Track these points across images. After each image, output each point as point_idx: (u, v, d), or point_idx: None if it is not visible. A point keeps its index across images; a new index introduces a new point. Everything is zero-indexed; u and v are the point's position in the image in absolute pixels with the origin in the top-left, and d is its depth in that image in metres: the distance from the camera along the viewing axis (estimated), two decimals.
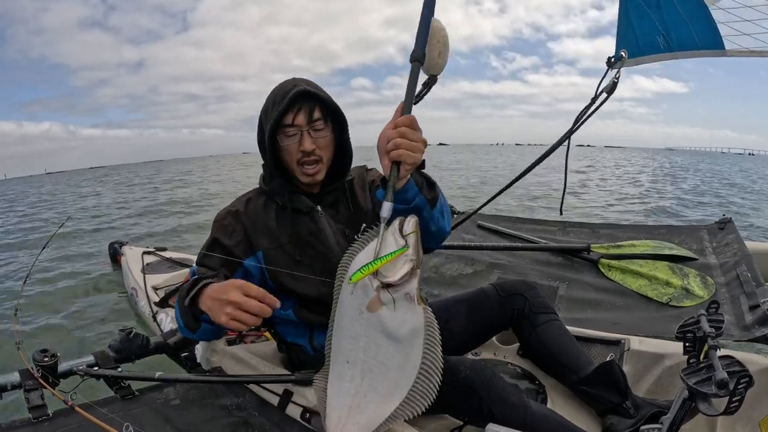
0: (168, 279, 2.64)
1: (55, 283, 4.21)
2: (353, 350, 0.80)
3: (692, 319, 0.87)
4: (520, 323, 1.24)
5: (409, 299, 0.75)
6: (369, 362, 0.79)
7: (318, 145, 1.05)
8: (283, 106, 1.01)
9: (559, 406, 1.17)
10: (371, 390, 0.79)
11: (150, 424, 1.06)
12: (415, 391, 0.77)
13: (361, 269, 0.74)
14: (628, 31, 1.73)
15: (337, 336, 0.83)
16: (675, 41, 1.72)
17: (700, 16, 1.64)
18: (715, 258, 2.00)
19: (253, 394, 1.21)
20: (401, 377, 0.78)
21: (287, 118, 1.02)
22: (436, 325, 0.77)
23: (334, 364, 0.84)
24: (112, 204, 11.75)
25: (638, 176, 15.16)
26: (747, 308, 1.51)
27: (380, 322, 0.76)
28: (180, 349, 1.47)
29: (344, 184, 1.16)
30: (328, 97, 1.06)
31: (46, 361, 1.18)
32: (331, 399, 0.83)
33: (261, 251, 1.09)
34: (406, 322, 0.76)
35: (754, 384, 0.65)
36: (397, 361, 0.77)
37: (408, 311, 0.76)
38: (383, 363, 0.78)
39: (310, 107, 1.03)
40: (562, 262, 2.19)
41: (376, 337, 0.78)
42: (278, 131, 1.04)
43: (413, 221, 0.77)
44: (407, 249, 0.74)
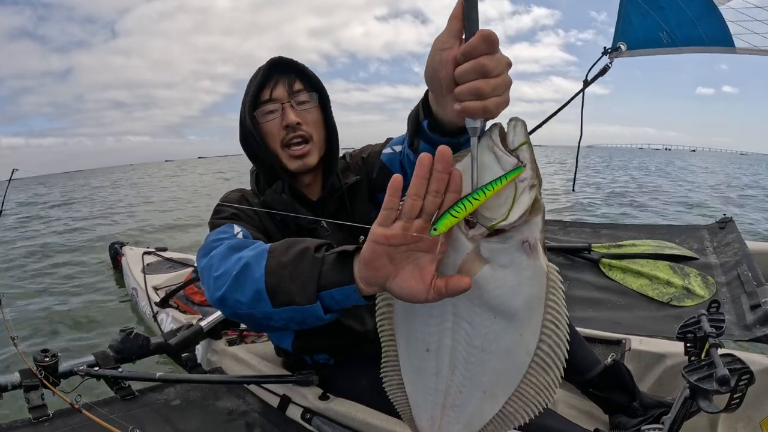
0: (168, 279, 2.65)
1: (55, 283, 4.22)
2: (434, 334, 0.56)
3: (693, 319, 0.86)
4: None
5: (528, 250, 0.49)
6: (460, 350, 0.56)
7: (304, 119, 0.91)
8: (258, 80, 0.89)
9: (561, 404, 1.17)
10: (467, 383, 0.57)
11: (150, 424, 1.06)
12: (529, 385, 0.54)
13: (453, 210, 0.45)
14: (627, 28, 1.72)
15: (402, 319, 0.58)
16: (679, 37, 1.70)
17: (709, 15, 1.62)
18: (715, 257, 2.00)
19: (254, 395, 1.21)
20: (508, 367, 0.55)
21: (264, 93, 0.90)
22: (563, 291, 0.52)
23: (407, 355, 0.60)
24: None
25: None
26: (748, 308, 1.51)
27: (480, 290, 0.51)
28: (180, 350, 1.47)
29: (343, 190, 0.99)
30: (308, 68, 0.93)
31: (46, 361, 1.18)
32: (414, 397, 0.62)
33: None
34: (521, 287, 0.50)
35: (755, 381, 0.65)
36: (503, 345, 0.53)
37: (525, 269, 0.49)
38: (483, 349, 0.54)
39: (290, 78, 0.91)
40: (562, 262, 2.19)
41: (472, 313, 0.53)
42: (256, 109, 0.91)
43: (521, 126, 0.48)
44: (524, 168, 0.46)
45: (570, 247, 2.22)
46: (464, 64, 0.48)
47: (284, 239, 0.68)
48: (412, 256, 0.50)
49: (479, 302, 0.52)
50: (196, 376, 1.33)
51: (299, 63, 0.93)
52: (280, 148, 0.92)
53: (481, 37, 0.46)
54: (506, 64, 0.48)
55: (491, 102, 0.48)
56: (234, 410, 1.15)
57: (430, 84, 0.57)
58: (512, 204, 0.47)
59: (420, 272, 0.50)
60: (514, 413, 0.56)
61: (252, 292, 0.64)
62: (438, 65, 0.53)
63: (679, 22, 1.67)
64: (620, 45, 1.70)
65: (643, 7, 1.69)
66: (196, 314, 2.02)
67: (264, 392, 1.19)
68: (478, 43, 0.47)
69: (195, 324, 1.51)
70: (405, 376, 0.61)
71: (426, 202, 0.47)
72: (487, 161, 0.48)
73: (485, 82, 0.47)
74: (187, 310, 2.13)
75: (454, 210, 0.45)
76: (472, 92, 0.48)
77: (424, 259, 0.50)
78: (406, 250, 0.50)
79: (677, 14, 1.66)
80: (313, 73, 0.94)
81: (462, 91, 0.48)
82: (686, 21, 1.66)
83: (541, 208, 0.48)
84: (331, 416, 1.04)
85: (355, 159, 1.05)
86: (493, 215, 0.47)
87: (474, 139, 0.49)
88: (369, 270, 0.52)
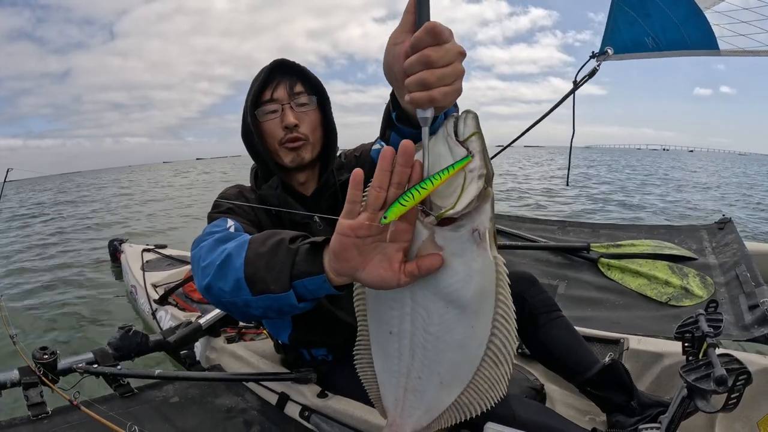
0: (167, 276, 2.64)
1: (54, 281, 4.21)
2: (396, 318, 0.58)
3: (691, 319, 0.87)
4: (521, 325, 1.20)
5: (478, 239, 0.50)
6: (418, 335, 0.58)
7: (302, 121, 0.94)
8: (260, 80, 0.92)
9: (559, 403, 1.18)
10: (426, 370, 0.59)
11: (149, 422, 1.06)
12: (482, 378, 0.56)
13: (401, 199, 0.47)
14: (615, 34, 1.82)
15: (371, 300, 0.61)
16: (664, 42, 1.78)
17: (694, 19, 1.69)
18: (714, 258, 2.00)
19: (252, 393, 1.21)
20: (463, 359, 0.57)
21: (266, 93, 0.93)
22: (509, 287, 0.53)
23: (375, 336, 0.63)
24: None
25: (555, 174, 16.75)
26: (746, 308, 1.51)
27: (434, 278, 0.53)
28: (179, 347, 1.47)
29: (337, 186, 1.03)
30: (309, 71, 0.97)
31: (45, 358, 1.18)
32: (380, 377, 0.65)
33: None
34: (472, 278, 0.52)
35: (752, 381, 0.65)
36: (457, 337, 0.55)
37: (476, 259, 0.51)
38: (438, 337, 0.56)
39: (291, 80, 0.94)
40: (561, 261, 2.19)
41: (427, 299, 0.55)
42: (257, 108, 0.94)
43: (472, 117, 0.50)
44: (472, 158, 0.48)
45: (569, 247, 2.23)
46: (410, 57, 0.49)
47: (264, 231, 0.70)
48: (379, 247, 0.52)
49: (434, 290, 0.54)
50: (195, 373, 1.33)
51: (301, 66, 0.96)
52: (278, 146, 0.95)
53: (425, 30, 0.47)
54: (457, 53, 0.48)
55: (437, 92, 0.48)
56: (233, 408, 1.15)
57: (388, 78, 0.59)
58: (461, 193, 0.48)
59: (388, 261, 0.52)
60: (468, 404, 0.59)
61: (233, 281, 0.66)
62: (392, 59, 0.54)
63: (665, 27, 1.75)
64: (607, 49, 1.79)
65: (631, 16, 1.77)
66: (195, 312, 2.02)
67: (262, 390, 1.19)
68: (423, 36, 0.47)
69: (194, 321, 1.51)
70: (374, 356, 0.64)
71: (389, 194, 0.49)
72: (441, 151, 0.50)
73: (430, 72, 0.47)
74: (186, 307, 2.13)
75: (403, 198, 0.47)
76: (417, 83, 0.48)
77: (391, 248, 0.52)
78: (372, 241, 0.52)
79: (663, 20, 1.73)
80: (314, 75, 0.97)
81: (409, 83, 0.49)
82: (671, 26, 1.74)
83: (489, 197, 0.49)
84: (329, 414, 1.05)
85: (349, 157, 1.09)
86: (443, 204, 0.49)
87: (425, 129, 0.50)
88: (338, 261, 0.54)
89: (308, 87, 0.96)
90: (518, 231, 2.54)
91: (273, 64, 0.94)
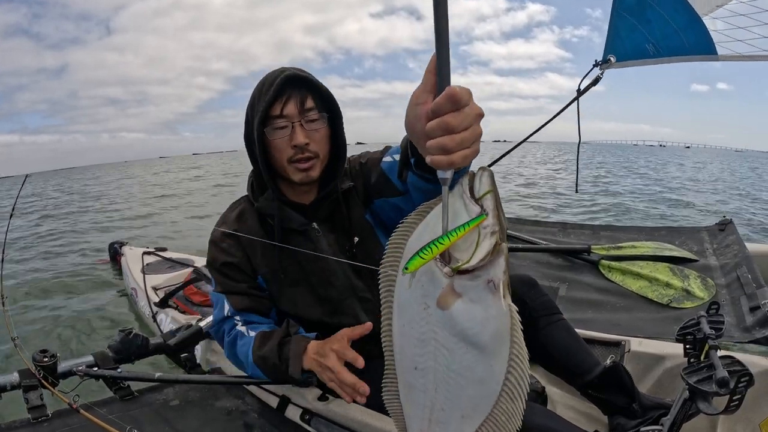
0: (168, 279, 2.64)
1: (54, 282, 4.21)
2: (421, 355, 0.64)
3: (692, 321, 0.86)
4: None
5: (493, 289, 0.55)
6: (441, 371, 0.63)
7: (312, 138, 0.93)
8: (270, 95, 0.89)
9: (560, 406, 1.17)
10: (448, 403, 0.64)
11: (149, 425, 1.06)
12: (500, 411, 0.61)
13: (421, 252, 0.51)
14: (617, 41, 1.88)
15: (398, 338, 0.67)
16: (664, 48, 1.83)
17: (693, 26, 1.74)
18: (715, 259, 2.00)
19: (253, 396, 1.21)
20: (482, 394, 0.62)
21: (275, 108, 0.91)
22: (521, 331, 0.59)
23: (401, 371, 0.68)
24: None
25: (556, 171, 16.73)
26: (747, 310, 1.51)
27: (454, 321, 0.58)
28: (179, 350, 1.47)
29: (339, 194, 1.03)
30: (321, 84, 0.94)
31: (45, 361, 1.18)
32: (407, 408, 0.70)
33: (260, 276, 1.04)
34: (488, 323, 0.57)
35: (754, 383, 0.65)
36: (477, 374, 0.61)
37: (491, 307, 0.56)
38: (460, 374, 0.62)
39: (302, 95, 0.92)
40: (562, 263, 2.19)
41: (449, 340, 0.60)
42: (266, 124, 0.92)
43: (487, 176, 0.55)
44: (486, 216, 0.53)
45: (570, 249, 2.22)
46: (431, 122, 0.51)
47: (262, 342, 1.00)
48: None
49: (454, 332, 0.58)
50: (195, 376, 1.33)
51: (313, 79, 0.93)
52: (287, 163, 0.95)
53: (446, 96, 0.49)
54: (475, 116, 0.50)
55: (457, 156, 0.50)
56: (233, 410, 1.15)
57: (410, 134, 0.60)
58: (475, 248, 0.53)
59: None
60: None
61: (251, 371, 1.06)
62: (414, 119, 0.56)
63: (665, 34, 1.80)
64: (610, 57, 1.87)
65: (631, 22, 1.83)
66: (196, 314, 2.02)
67: (263, 393, 1.19)
68: (443, 102, 0.49)
69: (194, 324, 1.51)
70: (400, 389, 0.68)
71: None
72: (458, 208, 0.55)
73: (450, 138, 0.50)
74: (186, 310, 2.13)
75: (422, 252, 0.51)
76: (438, 147, 0.50)
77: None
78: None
79: (663, 27, 1.79)
80: (326, 89, 0.95)
81: (430, 146, 0.51)
82: (671, 32, 1.79)
83: (502, 252, 0.53)
84: (329, 417, 1.04)
85: (353, 164, 1.08)
86: (460, 257, 0.54)
87: (444, 188, 0.53)
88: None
89: (319, 102, 0.94)
90: (519, 233, 2.54)
91: (284, 78, 0.90)
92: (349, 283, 1.05)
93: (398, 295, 0.63)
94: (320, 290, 1.04)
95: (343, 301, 1.05)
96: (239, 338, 1.03)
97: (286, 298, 1.04)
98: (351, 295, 1.05)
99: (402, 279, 0.60)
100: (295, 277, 1.03)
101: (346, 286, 1.05)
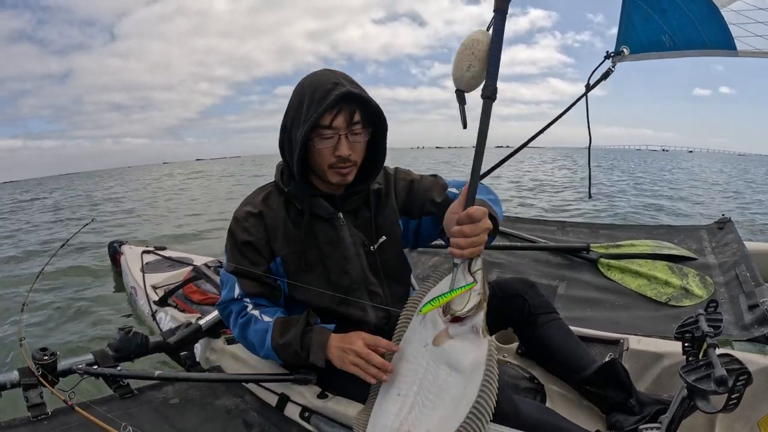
0: (167, 278, 2.64)
1: (54, 282, 4.21)
2: (408, 383, 0.84)
3: (691, 319, 0.87)
4: (520, 324, 1.22)
5: (475, 331, 0.81)
6: (422, 394, 0.82)
7: (354, 150, 1.00)
8: (324, 106, 0.93)
9: (559, 404, 1.17)
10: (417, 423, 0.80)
11: (149, 423, 1.06)
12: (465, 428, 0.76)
13: (431, 302, 0.81)
14: (630, 31, 1.72)
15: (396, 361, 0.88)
16: (681, 41, 1.70)
17: (711, 17, 1.62)
18: (714, 258, 2.00)
19: (252, 394, 1.21)
20: (453, 412, 0.77)
21: (325, 119, 0.95)
22: (496, 360, 0.80)
23: (382, 399, 0.87)
24: None
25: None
26: (746, 308, 1.51)
27: (445, 353, 0.82)
28: (179, 348, 1.47)
29: (368, 192, 1.11)
30: (370, 98, 0.99)
31: (45, 359, 1.18)
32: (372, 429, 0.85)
33: (280, 257, 1.07)
34: (469, 354, 0.80)
35: (752, 381, 0.65)
36: (453, 393, 0.79)
37: (473, 343, 0.81)
38: (438, 395, 0.80)
39: (351, 110, 0.97)
40: (561, 262, 2.19)
41: (438, 368, 0.82)
42: (313, 132, 0.97)
43: (480, 260, 0.84)
44: (476, 284, 0.81)
45: (568, 247, 2.23)
46: (455, 227, 0.84)
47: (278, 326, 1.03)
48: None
49: (444, 360, 0.82)
50: (195, 374, 1.33)
51: (365, 95, 0.98)
52: (327, 167, 1.01)
53: (466, 214, 0.83)
54: (484, 229, 0.83)
55: (467, 251, 0.83)
56: (233, 409, 1.15)
57: (445, 228, 0.93)
58: (467, 303, 0.81)
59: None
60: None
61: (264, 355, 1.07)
62: (448, 221, 0.90)
63: (681, 25, 1.67)
64: (623, 49, 1.71)
65: (645, 10, 1.69)
66: (195, 313, 2.02)
67: (262, 391, 1.19)
68: (464, 218, 0.83)
69: (194, 323, 1.51)
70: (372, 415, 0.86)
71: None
72: (459, 277, 0.83)
73: (465, 240, 0.82)
74: (185, 308, 2.13)
75: (433, 301, 0.81)
76: (456, 244, 0.83)
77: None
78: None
79: (679, 17, 1.66)
80: (375, 103, 0.99)
81: (452, 242, 0.84)
82: (688, 24, 1.66)
83: (483, 308, 0.82)
84: (329, 415, 1.05)
85: (399, 175, 1.19)
86: (456, 308, 0.82)
87: (455, 268, 0.85)
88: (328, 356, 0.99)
89: (366, 115, 1.00)
90: (518, 232, 2.54)
91: (339, 95, 0.93)
92: (363, 276, 1.10)
93: (409, 331, 0.88)
94: (334, 276, 1.08)
95: (353, 291, 1.08)
96: (253, 322, 1.05)
97: (301, 281, 1.07)
98: (362, 286, 1.10)
99: (415, 320, 0.88)
100: (313, 260, 1.07)
101: (359, 277, 1.09)
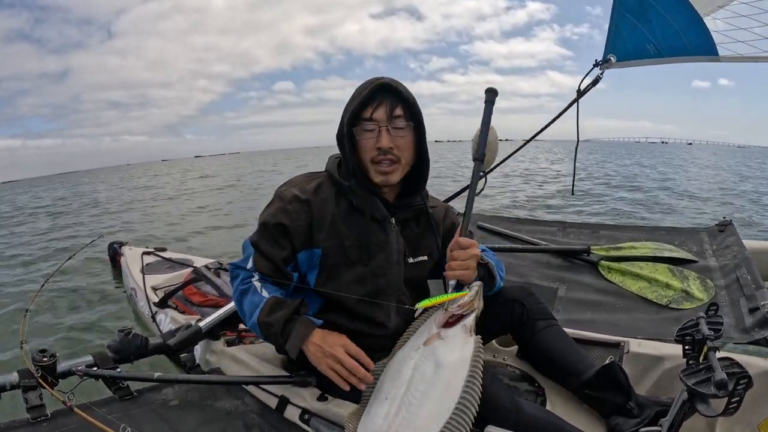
0: (167, 279, 2.64)
1: (54, 283, 4.21)
2: (397, 386, 0.88)
3: (691, 322, 0.86)
4: (518, 329, 1.22)
5: (465, 329, 0.89)
6: (409, 395, 0.84)
7: (396, 144, 1.00)
8: (362, 98, 0.96)
9: (559, 407, 1.17)
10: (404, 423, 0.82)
11: (148, 424, 1.06)
12: (452, 423, 0.78)
13: (432, 298, 0.90)
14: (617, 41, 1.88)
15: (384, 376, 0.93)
16: (665, 48, 1.84)
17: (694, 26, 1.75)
18: (715, 260, 2.00)
19: (252, 396, 1.21)
20: (440, 408, 0.80)
21: (366, 111, 0.98)
22: (482, 357, 0.84)
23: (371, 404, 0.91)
24: None
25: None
26: (747, 311, 1.51)
27: (433, 351, 0.88)
28: (179, 350, 1.47)
29: (425, 208, 1.14)
30: (412, 96, 1.00)
31: (45, 361, 1.18)
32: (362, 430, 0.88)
33: (320, 249, 1.05)
34: (456, 350, 0.86)
35: (753, 385, 0.65)
36: (438, 390, 0.82)
37: (461, 339, 0.87)
38: (425, 392, 0.83)
39: (392, 103, 0.98)
40: (561, 264, 2.19)
41: (425, 366, 0.87)
42: (356, 125, 0.99)
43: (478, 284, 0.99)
44: (468, 292, 0.94)
45: (569, 250, 2.22)
46: (449, 253, 1.01)
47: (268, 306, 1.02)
48: None
49: (430, 359, 0.88)
50: (195, 376, 1.33)
51: (405, 90, 1.00)
52: (369, 163, 1.02)
53: (457, 242, 1.00)
54: (471, 255, 0.99)
55: (458, 273, 0.99)
56: (232, 411, 1.15)
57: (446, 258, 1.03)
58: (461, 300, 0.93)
59: None
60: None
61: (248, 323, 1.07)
62: (448, 250, 1.03)
63: (665, 34, 1.80)
64: (610, 57, 1.88)
65: (632, 21, 1.83)
66: (195, 315, 2.02)
67: (262, 393, 1.19)
68: (454, 245, 1.00)
69: (194, 324, 1.51)
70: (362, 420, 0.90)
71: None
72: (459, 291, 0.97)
73: (456, 263, 0.98)
74: (185, 310, 2.13)
75: (430, 299, 0.91)
76: (448, 267, 1.00)
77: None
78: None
79: (663, 27, 1.80)
80: (416, 101, 1.01)
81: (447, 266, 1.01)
82: (672, 33, 1.79)
83: (475, 309, 0.93)
84: (329, 417, 1.04)
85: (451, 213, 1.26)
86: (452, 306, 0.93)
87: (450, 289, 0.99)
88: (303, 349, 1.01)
89: (407, 112, 1.00)
90: (518, 233, 2.54)
91: (377, 86, 0.97)
92: (397, 282, 1.10)
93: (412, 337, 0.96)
94: (371, 276, 1.07)
95: (386, 295, 1.08)
96: (251, 293, 1.05)
97: (336, 273, 1.06)
98: (394, 292, 1.10)
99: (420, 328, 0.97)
100: (356, 258, 1.06)
101: (394, 283, 1.10)
